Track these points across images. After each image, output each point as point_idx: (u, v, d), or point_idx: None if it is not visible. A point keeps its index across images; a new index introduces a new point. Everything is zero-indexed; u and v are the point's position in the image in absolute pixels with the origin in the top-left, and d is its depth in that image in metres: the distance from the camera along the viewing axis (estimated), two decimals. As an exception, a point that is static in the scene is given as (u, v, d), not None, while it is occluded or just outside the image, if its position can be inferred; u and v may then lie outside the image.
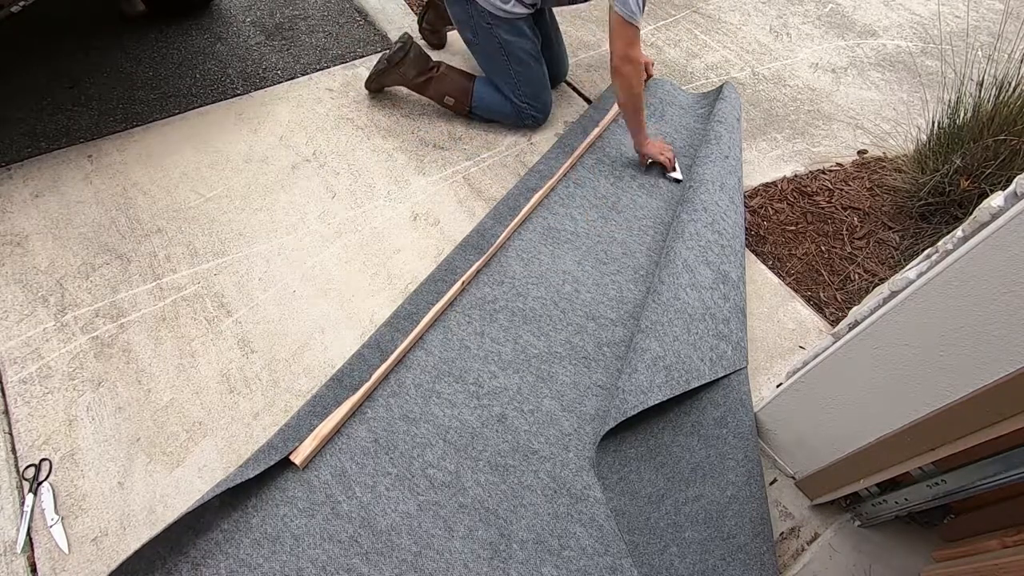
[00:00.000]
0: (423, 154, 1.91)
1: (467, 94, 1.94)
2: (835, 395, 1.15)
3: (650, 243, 1.71)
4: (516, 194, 1.78)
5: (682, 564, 1.16)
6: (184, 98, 1.97)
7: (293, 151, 1.85)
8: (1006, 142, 1.67)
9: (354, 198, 1.75)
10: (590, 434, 1.31)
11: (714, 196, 1.72)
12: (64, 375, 1.32)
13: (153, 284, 1.49)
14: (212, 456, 1.24)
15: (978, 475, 1.02)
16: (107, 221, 1.60)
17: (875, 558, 1.24)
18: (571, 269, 1.61)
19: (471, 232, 1.66)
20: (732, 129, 1.98)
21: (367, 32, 2.38)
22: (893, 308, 0.97)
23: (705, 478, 1.27)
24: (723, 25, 2.70)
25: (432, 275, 1.55)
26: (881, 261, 1.80)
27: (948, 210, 1.81)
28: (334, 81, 2.11)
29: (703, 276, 1.53)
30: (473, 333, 1.45)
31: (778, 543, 1.26)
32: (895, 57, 2.66)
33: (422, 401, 1.32)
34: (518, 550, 1.15)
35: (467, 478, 1.23)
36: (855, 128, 2.26)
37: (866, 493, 1.23)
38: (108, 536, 1.13)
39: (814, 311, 1.66)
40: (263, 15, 2.37)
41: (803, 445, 1.29)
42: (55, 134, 1.80)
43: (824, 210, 1.93)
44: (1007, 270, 0.80)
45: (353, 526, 1.15)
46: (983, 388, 0.89)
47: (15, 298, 1.43)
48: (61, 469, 1.19)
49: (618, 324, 1.51)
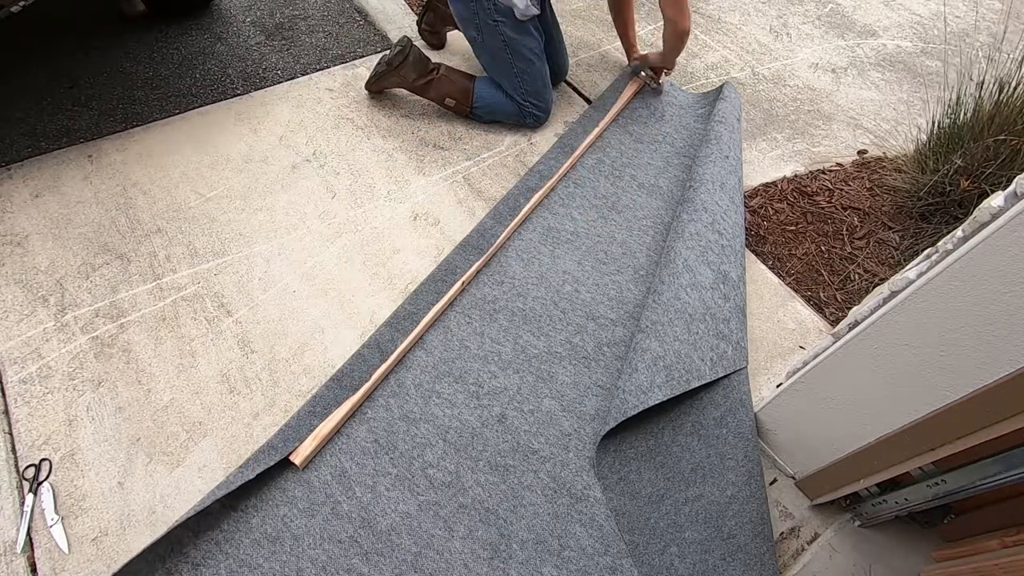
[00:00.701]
0: (423, 154, 1.91)
1: (468, 95, 1.94)
2: (835, 395, 1.15)
3: (650, 243, 1.71)
4: (516, 194, 1.78)
5: (682, 564, 1.16)
6: (184, 98, 1.97)
7: (293, 151, 1.85)
8: (1006, 142, 1.67)
9: (354, 198, 1.75)
10: (590, 434, 1.31)
11: (715, 196, 1.72)
12: (64, 375, 1.32)
13: (153, 284, 1.49)
14: (212, 456, 1.24)
15: (978, 475, 1.02)
16: (107, 221, 1.60)
17: (875, 558, 1.24)
18: (571, 269, 1.61)
19: (471, 232, 1.66)
20: (732, 129, 1.98)
21: (367, 32, 2.38)
22: (893, 308, 0.97)
23: (705, 478, 1.27)
24: (723, 25, 2.70)
25: (432, 275, 1.55)
26: (881, 261, 1.80)
27: (948, 210, 1.81)
28: (334, 81, 2.11)
29: (703, 276, 1.53)
30: (473, 333, 1.45)
31: (778, 543, 1.26)
32: (895, 57, 2.66)
33: (422, 401, 1.32)
34: (518, 550, 1.15)
35: (467, 478, 1.23)
36: (855, 128, 2.26)
37: (866, 493, 1.23)
38: (108, 536, 1.13)
39: (814, 311, 1.66)
40: (263, 15, 2.37)
41: (803, 445, 1.29)
42: (55, 134, 1.80)
43: (824, 210, 1.93)
44: (1007, 270, 0.80)
45: (353, 526, 1.15)
46: (983, 388, 0.89)
47: (15, 298, 1.43)
48: (61, 469, 1.19)
49: (618, 324, 1.51)
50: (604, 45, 2.45)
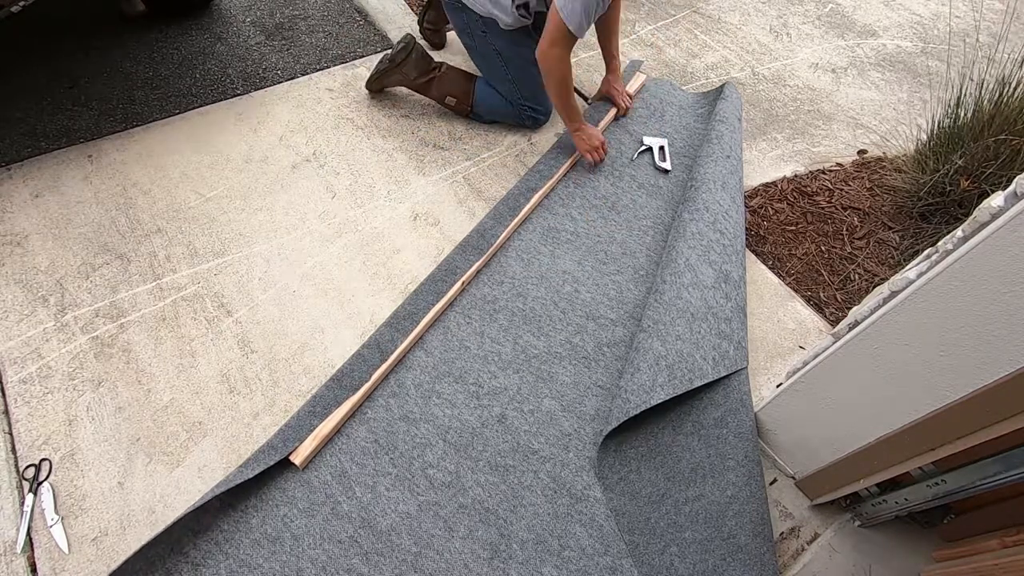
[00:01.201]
0: (423, 154, 1.91)
1: (469, 95, 1.94)
2: (835, 395, 1.15)
3: (650, 243, 1.71)
4: (516, 194, 1.78)
5: (682, 564, 1.16)
6: (184, 98, 1.97)
7: (293, 151, 1.85)
8: (1006, 142, 1.67)
9: (354, 198, 1.75)
10: (590, 434, 1.31)
11: (716, 195, 1.73)
12: (64, 375, 1.32)
13: (153, 284, 1.49)
14: (212, 456, 1.24)
15: (978, 475, 1.02)
16: (107, 221, 1.60)
17: (875, 558, 1.24)
18: (571, 269, 1.61)
19: (471, 232, 1.66)
20: (733, 129, 1.98)
21: (367, 32, 2.38)
22: (893, 308, 0.97)
23: (705, 478, 1.27)
24: (723, 25, 2.70)
25: (432, 275, 1.55)
26: (881, 261, 1.80)
27: (948, 210, 1.81)
28: (334, 81, 2.11)
29: (705, 275, 1.53)
30: (473, 333, 1.45)
31: (778, 543, 1.26)
32: (895, 57, 2.66)
33: (422, 401, 1.32)
34: (518, 550, 1.15)
35: (467, 478, 1.23)
36: (855, 128, 2.26)
37: (866, 493, 1.23)
38: (108, 536, 1.13)
39: (814, 311, 1.66)
40: (263, 15, 2.37)
41: (803, 445, 1.29)
42: (55, 134, 1.80)
43: (824, 210, 1.93)
44: (1007, 270, 0.80)
45: (353, 526, 1.15)
46: (983, 388, 0.89)
47: (15, 298, 1.43)
48: (61, 469, 1.19)
49: (618, 324, 1.51)
50: (604, 45, 2.45)
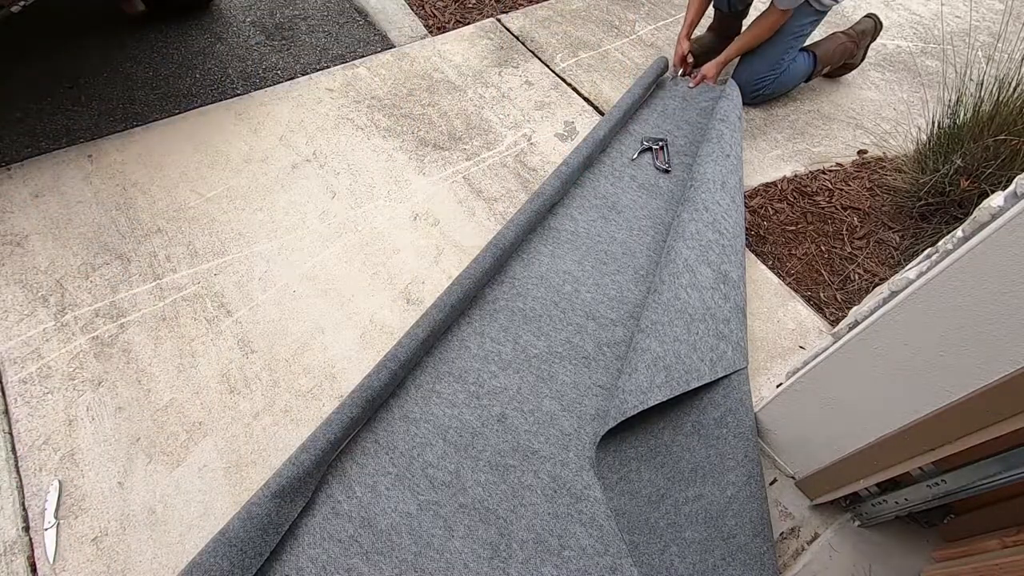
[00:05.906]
0: (423, 154, 1.91)
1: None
2: (835, 395, 1.15)
3: (650, 243, 1.71)
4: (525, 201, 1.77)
5: (682, 564, 1.16)
6: (184, 98, 1.97)
7: (293, 151, 1.85)
8: (1006, 142, 1.67)
9: (354, 198, 1.75)
10: (590, 434, 1.31)
11: (715, 195, 1.72)
12: (64, 375, 1.32)
13: (153, 284, 1.49)
14: (212, 456, 1.24)
15: (978, 475, 1.02)
16: (107, 221, 1.60)
17: (875, 558, 1.24)
18: (571, 269, 1.61)
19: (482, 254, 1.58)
20: (734, 128, 1.98)
21: (367, 32, 2.38)
22: (893, 308, 0.97)
23: (705, 478, 1.27)
24: (723, 25, 2.69)
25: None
26: (881, 261, 1.80)
27: (948, 210, 1.81)
28: (334, 81, 2.11)
29: (704, 276, 1.53)
30: (473, 333, 1.45)
31: (778, 543, 1.26)
32: (895, 57, 2.66)
33: (422, 401, 1.32)
34: (518, 550, 1.15)
35: (467, 478, 1.23)
36: (855, 128, 2.26)
37: (866, 493, 1.23)
38: (108, 536, 1.13)
39: (814, 311, 1.66)
40: (263, 15, 2.37)
41: (803, 445, 1.29)
42: (55, 134, 1.80)
43: (824, 210, 1.93)
44: (1007, 270, 0.80)
45: (353, 526, 1.15)
46: (983, 388, 0.89)
47: (15, 298, 1.43)
48: (61, 469, 1.19)
49: (618, 324, 1.51)
50: (604, 45, 2.45)
